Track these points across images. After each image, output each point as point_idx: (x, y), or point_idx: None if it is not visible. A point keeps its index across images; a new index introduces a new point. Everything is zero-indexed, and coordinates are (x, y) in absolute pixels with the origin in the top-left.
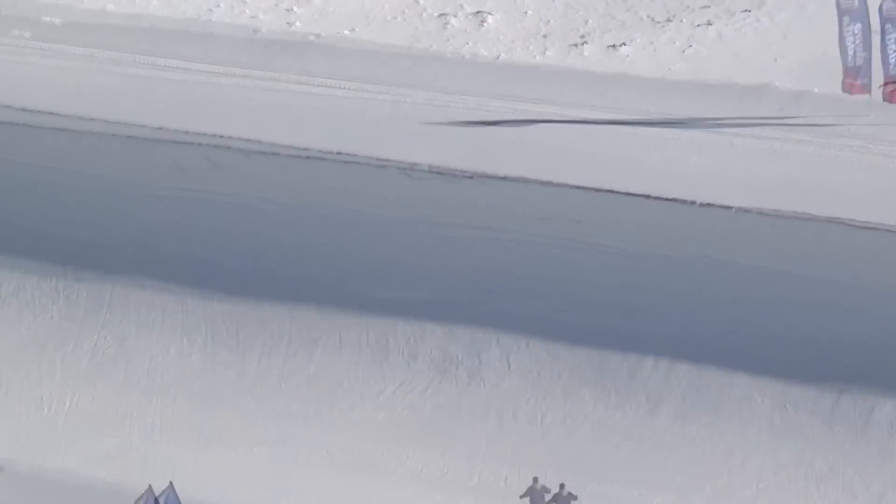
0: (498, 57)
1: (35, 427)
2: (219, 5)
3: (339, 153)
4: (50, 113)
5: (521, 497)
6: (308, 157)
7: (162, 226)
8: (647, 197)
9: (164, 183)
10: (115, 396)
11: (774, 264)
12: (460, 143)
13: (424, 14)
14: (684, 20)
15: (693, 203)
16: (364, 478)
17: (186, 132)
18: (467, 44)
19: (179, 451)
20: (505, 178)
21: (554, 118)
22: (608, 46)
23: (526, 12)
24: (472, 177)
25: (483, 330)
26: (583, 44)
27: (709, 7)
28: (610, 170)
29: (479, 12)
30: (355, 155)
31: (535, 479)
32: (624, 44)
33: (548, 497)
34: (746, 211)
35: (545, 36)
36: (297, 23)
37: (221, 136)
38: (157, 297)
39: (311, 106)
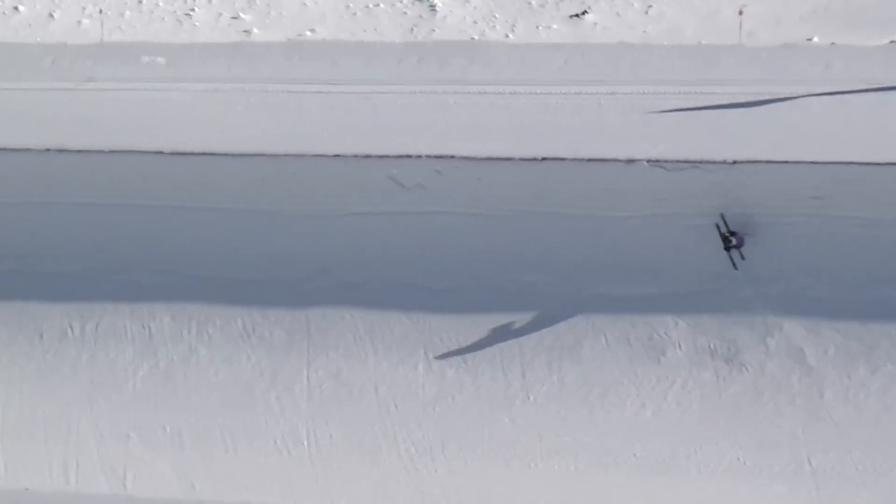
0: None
1: (284, 471)
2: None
3: (576, 158)
4: (204, 154)
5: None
6: (535, 162)
7: (348, 252)
8: (891, 164)
9: (347, 208)
10: (355, 430)
11: None
12: (697, 130)
13: None
14: None
15: None
16: (674, 478)
17: (367, 156)
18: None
19: (453, 477)
20: (768, 162)
21: (780, 96)
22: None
23: None
24: (733, 163)
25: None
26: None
27: None
28: (844, 142)
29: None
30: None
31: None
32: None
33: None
34: None
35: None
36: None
37: (408, 156)
38: (360, 325)
39: (509, 112)
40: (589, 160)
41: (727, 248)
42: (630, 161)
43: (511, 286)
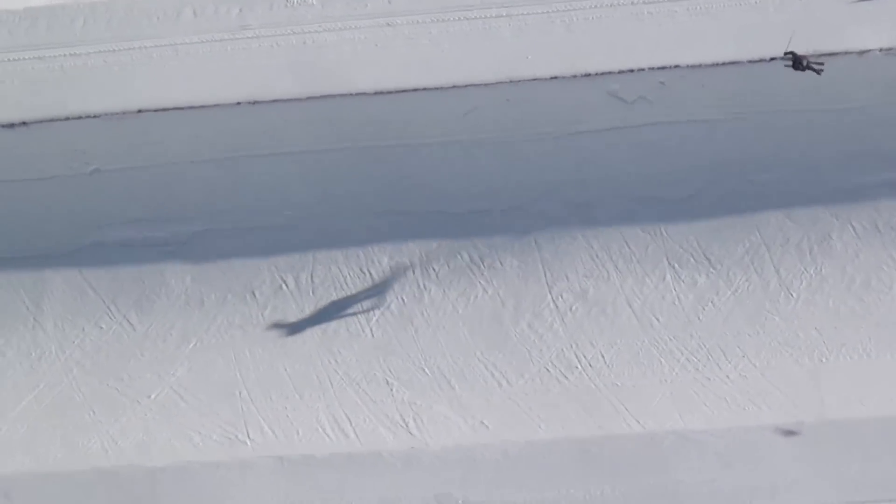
0: None
1: (572, 398)
2: None
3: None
4: (409, 90)
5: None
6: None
7: (571, 172)
8: None
9: (567, 128)
10: (625, 348)
11: None
12: None
13: None
14: None
15: None
16: None
17: (587, 74)
18: None
19: (748, 381)
20: None
21: None
22: None
23: None
24: None
25: None
26: None
27: None
28: None
29: None
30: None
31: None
32: None
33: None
34: None
35: None
36: None
37: (629, 71)
38: (595, 243)
39: (712, 17)
40: (819, 55)
41: (811, 67)
42: (862, 52)
43: (748, 188)
